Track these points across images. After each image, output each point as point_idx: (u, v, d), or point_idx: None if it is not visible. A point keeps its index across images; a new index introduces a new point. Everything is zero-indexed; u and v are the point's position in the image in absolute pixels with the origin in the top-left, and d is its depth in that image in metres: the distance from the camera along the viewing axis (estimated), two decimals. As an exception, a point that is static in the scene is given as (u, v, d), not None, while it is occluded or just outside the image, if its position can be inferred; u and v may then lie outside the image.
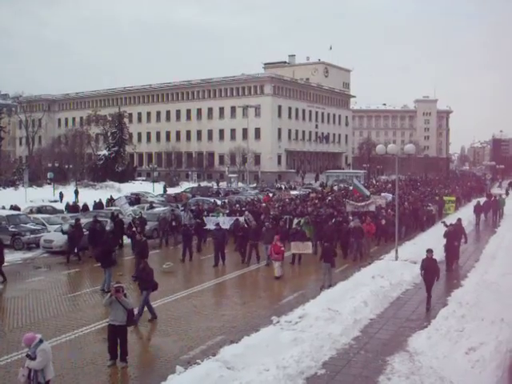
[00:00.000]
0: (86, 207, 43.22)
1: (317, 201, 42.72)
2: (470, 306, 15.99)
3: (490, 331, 13.66)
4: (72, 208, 43.29)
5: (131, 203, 45.43)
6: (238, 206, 39.05)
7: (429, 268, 17.63)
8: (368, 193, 41.43)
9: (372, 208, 32.85)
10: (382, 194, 45.33)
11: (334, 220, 29.16)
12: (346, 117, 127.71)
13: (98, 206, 44.43)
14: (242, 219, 30.76)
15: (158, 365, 12.94)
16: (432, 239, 28.01)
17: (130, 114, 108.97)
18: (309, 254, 25.19)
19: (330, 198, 47.08)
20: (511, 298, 16.70)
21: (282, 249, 22.48)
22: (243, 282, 22.60)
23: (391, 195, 45.06)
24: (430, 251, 17.85)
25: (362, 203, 33.54)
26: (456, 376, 11.65)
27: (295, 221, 30.23)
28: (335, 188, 64.73)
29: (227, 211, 36.37)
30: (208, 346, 13.94)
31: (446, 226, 25.35)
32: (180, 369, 11.75)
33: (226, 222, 30.31)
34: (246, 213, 33.03)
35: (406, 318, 16.29)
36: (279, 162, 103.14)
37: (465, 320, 14.84)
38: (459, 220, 27.29)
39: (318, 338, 13.70)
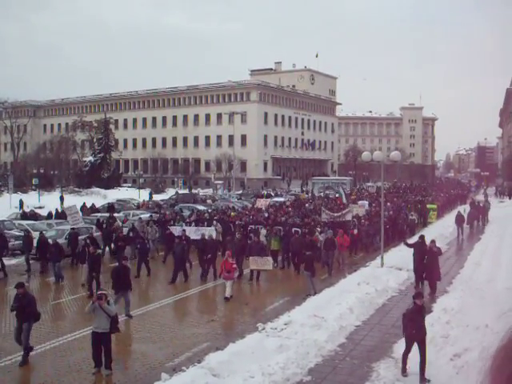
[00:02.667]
0: (50, 215, 41.01)
1: (290, 209, 40.42)
2: (454, 312, 16.07)
3: (475, 337, 13.72)
4: (29, 216, 40.34)
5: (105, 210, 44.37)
6: (206, 214, 36.31)
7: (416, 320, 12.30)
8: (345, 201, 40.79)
9: (348, 217, 31.26)
10: (360, 202, 43.48)
11: (295, 231, 27.50)
12: (332, 124, 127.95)
13: (61, 215, 39.96)
14: (209, 230, 28.96)
15: (143, 372, 12.87)
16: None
17: (116, 121, 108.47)
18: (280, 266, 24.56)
19: (307, 205, 45.00)
20: (495, 305, 16.80)
21: (234, 266, 20.63)
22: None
23: (367, 203, 43.85)
24: (418, 296, 12.81)
25: (338, 213, 32.02)
26: (441, 382, 11.70)
27: (263, 231, 28.35)
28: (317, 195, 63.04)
29: (192, 219, 33.99)
30: (193, 353, 13.90)
31: (407, 244, 23.18)
32: (165, 376, 11.71)
33: (192, 232, 28.66)
34: (215, 222, 31.54)
35: (392, 324, 16.32)
36: (265, 169, 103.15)
37: (449, 326, 14.91)
38: (421, 237, 22.59)
39: (304, 344, 13.69)
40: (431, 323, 15.44)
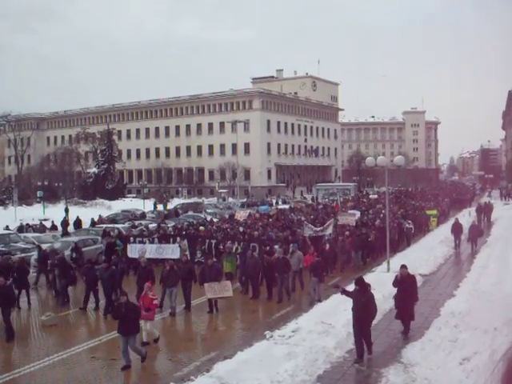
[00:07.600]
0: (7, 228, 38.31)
1: (269, 220, 36.26)
2: (462, 315, 16.01)
3: (484, 341, 13.67)
4: None
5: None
6: (169, 229, 32.79)
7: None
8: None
9: (329, 231, 28.30)
10: (350, 211, 39.20)
11: (250, 249, 23.92)
12: (335, 130, 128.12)
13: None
14: (172, 247, 26.55)
15: (152, 382, 12.85)
16: (422, 250, 28.00)
17: (119, 131, 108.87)
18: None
19: (291, 216, 40.06)
20: (503, 307, 16.74)
21: (156, 302, 16.08)
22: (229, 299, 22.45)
23: (359, 212, 39.82)
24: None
25: (320, 227, 28.98)
26: (451, 386, 11.64)
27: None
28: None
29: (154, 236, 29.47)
30: (202, 362, 13.87)
31: (345, 293, 14.90)
32: (174, 386, 11.69)
33: (153, 251, 26.11)
34: (178, 239, 28.25)
35: (400, 329, 16.25)
36: (269, 177, 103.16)
37: (458, 330, 14.85)
38: (359, 282, 14.48)
39: (312, 351, 13.65)
40: (439, 327, 15.41)
